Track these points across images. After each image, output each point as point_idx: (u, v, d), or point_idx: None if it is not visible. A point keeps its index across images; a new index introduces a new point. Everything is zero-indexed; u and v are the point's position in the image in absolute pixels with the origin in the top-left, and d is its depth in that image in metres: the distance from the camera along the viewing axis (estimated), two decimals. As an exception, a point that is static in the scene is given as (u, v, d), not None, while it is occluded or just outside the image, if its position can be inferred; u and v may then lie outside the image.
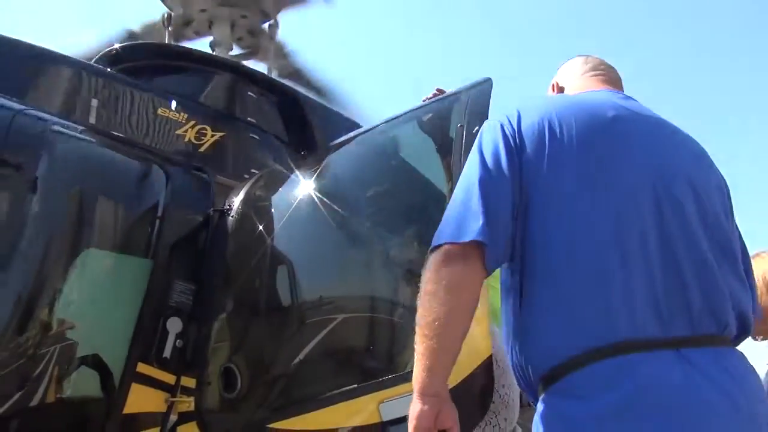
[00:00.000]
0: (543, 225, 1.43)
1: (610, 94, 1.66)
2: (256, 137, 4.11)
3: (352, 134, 3.03)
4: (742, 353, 1.44)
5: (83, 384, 2.63)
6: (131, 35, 5.27)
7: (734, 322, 1.43)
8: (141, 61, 4.30)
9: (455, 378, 1.85)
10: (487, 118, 2.43)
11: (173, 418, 2.69)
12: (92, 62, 4.26)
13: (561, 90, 1.86)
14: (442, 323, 1.36)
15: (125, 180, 2.98)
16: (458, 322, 1.38)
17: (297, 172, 3.04)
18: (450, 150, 2.45)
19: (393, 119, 2.86)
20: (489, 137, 1.52)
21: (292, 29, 5.75)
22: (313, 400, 2.33)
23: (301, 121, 4.57)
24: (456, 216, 1.43)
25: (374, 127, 2.94)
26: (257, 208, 3.00)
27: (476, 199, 1.42)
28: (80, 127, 2.90)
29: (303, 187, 2.89)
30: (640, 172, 1.46)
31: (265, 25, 5.35)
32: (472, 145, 2.39)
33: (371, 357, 2.38)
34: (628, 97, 1.68)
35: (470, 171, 1.50)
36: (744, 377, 1.38)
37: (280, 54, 5.79)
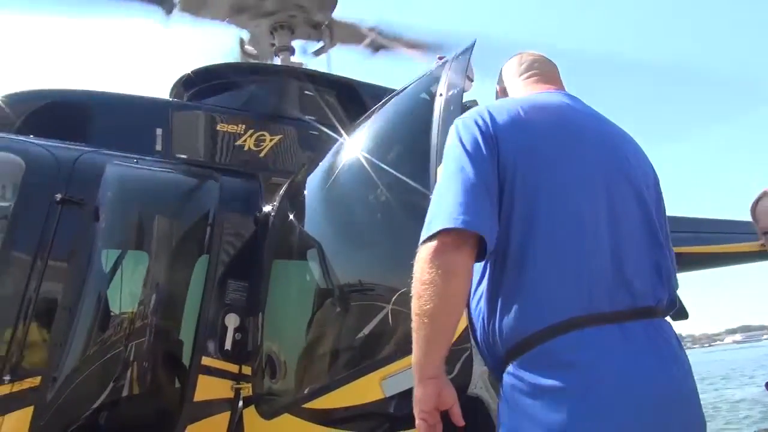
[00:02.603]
0: (514, 217, 1.56)
1: (558, 96, 1.83)
2: (315, 132, 4.30)
3: (366, 114, 3.09)
4: (670, 324, 1.64)
5: (161, 376, 3.06)
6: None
7: (667, 297, 1.62)
8: (211, 81, 4.72)
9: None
10: (463, 83, 2.38)
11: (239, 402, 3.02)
12: (172, 87, 4.81)
13: (505, 94, 2.00)
14: (439, 311, 1.45)
15: (177, 195, 3.37)
16: (454, 309, 1.49)
17: (324, 159, 3.17)
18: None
19: (395, 95, 2.89)
20: (467, 132, 1.65)
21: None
22: (330, 383, 2.49)
23: (361, 107, 4.68)
24: (446, 206, 1.53)
25: (378, 108, 2.97)
26: (290, 203, 3.19)
27: (464, 189, 1.53)
28: (136, 158, 3.31)
29: (324, 176, 3.02)
30: (594, 167, 1.63)
31: (325, 16, 5.46)
32: (449, 113, 2.36)
33: (378, 337, 2.45)
34: (572, 96, 1.84)
35: (455, 163, 1.61)
36: (675, 346, 1.56)
37: (357, 34, 5.81)
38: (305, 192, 3.05)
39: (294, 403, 2.64)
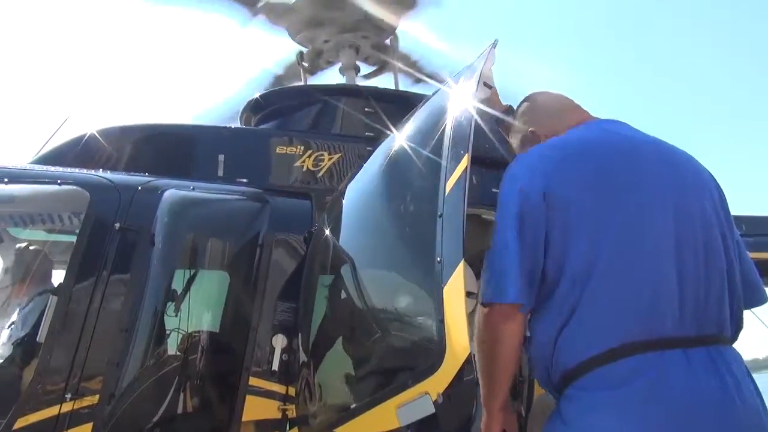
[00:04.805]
0: (574, 251, 1.67)
1: (609, 125, 1.91)
2: (372, 149, 4.29)
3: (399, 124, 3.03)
4: (737, 351, 1.70)
5: (211, 396, 3.16)
6: (276, 78, 5.98)
7: (730, 325, 1.71)
8: (277, 104, 4.89)
9: (447, 378, 1.87)
10: (478, 83, 2.23)
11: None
12: (240, 112, 5.05)
13: (534, 134, 2.05)
14: (494, 370, 1.78)
15: (227, 219, 3.49)
16: (507, 367, 1.78)
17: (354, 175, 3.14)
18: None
19: (419, 106, 2.81)
20: (513, 187, 1.76)
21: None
22: (354, 410, 2.42)
23: None
24: (498, 275, 1.72)
25: (414, 111, 2.89)
26: (327, 220, 3.19)
27: (511, 260, 1.69)
28: (192, 184, 3.48)
29: (352, 194, 2.99)
30: (659, 196, 1.70)
31: (387, 40, 5.54)
32: (458, 125, 2.22)
33: (395, 363, 2.35)
34: (623, 123, 1.92)
35: (504, 221, 1.74)
36: (740, 375, 1.61)
37: (409, 63, 5.92)
38: (340, 209, 3.04)
39: (327, 427, 2.60)
